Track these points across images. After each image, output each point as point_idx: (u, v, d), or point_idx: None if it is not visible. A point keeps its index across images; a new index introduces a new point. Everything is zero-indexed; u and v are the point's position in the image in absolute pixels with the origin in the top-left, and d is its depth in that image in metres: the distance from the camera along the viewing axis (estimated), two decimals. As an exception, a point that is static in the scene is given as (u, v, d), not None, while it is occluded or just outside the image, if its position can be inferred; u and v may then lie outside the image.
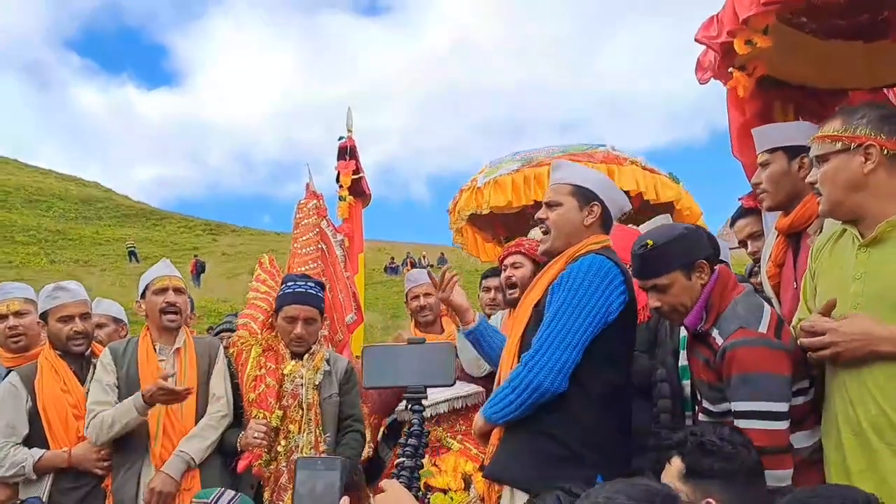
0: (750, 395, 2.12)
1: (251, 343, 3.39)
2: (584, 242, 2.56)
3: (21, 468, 3.13)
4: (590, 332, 2.39)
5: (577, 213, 2.60)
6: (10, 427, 3.19)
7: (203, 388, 3.27)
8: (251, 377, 3.29)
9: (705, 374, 2.33)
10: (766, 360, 2.13)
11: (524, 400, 2.39)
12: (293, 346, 3.35)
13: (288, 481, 3.18)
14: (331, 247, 4.26)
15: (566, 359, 2.36)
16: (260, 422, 3.17)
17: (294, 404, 3.27)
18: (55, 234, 46.49)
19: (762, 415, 2.10)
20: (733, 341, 2.18)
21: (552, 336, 2.38)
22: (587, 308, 2.39)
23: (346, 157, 5.17)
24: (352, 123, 5.23)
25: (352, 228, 5.22)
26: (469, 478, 3.51)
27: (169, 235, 52.60)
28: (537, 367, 2.36)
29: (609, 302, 2.42)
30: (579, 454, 2.37)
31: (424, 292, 4.07)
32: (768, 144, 2.56)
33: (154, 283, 3.33)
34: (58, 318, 3.32)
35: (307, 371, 3.31)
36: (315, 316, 3.37)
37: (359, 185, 5.24)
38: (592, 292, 2.40)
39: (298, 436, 3.24)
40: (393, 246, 43.40)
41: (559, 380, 2.35)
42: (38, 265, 34.96)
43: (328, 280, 4.08)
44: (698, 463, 1.85)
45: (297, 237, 4.22)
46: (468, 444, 3.62)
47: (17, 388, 3.24)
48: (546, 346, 2.38)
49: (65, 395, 3.25)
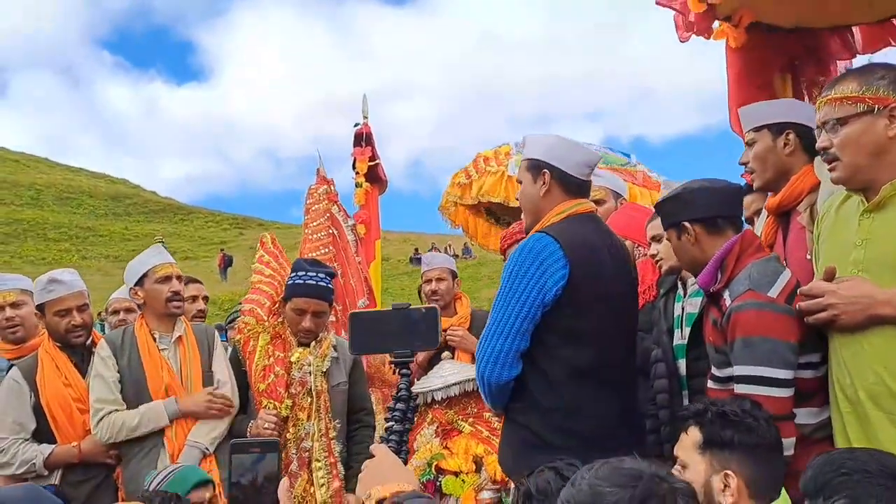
0: (751, 359, 2.06)
1: (258, 330, 3.32)
2: (547, 216, 2.46)
3: (32, 465, 3.08)
4: (524, 317, 2.31)
5: (532, 186, 2.49)
6: (18, 424, 3.13)
7: (207, 375, 3.22)
8: (260, 367, 3.25)
9: (713, 336, 2.27)
10: (771, 324, 2.06)
11: (484, 392, 2.40)
12: (300, 337, 3.30)
13: (298, 468, 3.17)
14: (342, 231, 4.24)
15: (500, 347, 2.32)
16: (270, 412, 3.15)
17: (303, 392, 3.23)
18: (86, 230, 47.29)
19: (762, 380, 2.04)
20: (739, 303, 2.11)
21: (490, 326, 2.37)
22: (517, 293, 2.31)
23: (361, 143, 5.16)
24: (367, 110, 5.21)
25: (368, 215, 5.20)
26: (480, 460, 3.49)
27: (196, 230, 53.20)
28: (480, 361, 2.37)
29: (542, 282, 2.30)
30: (549, 441, 2.29)
31: (437, 277, 4.04)
32: (753, 123, 2.49)
33: (156, 270, 3.23)
34: (55, 311, 3.23)
35: (315, 358, 3.26)
36: (324, 309, 3.31)
37: (375, 171, 5.22)
38: (522, 275, 2.32)
39: (308, 423, 3.21)
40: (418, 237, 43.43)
41: (497, 369, 2.32)
42: (70, 261, 35.52)
43: (340, 265, 4.06)
44: (718, 433, 1.79)
45: (307, 223, 4.19)
46: (479, 426, 3.58)
47: (19, 383, 3.17)
48: (484, 338, 2.37)
49: (67, 389, 3.19)
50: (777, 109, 2.49)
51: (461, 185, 6.02)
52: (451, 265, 4.17)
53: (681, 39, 3.11)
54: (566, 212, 2.46)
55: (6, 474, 3.11)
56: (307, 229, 4.18)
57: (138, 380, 3.12)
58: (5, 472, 3.11)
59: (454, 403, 3.70)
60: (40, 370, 3.19)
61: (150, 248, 3.45)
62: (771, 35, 3.24)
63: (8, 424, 3.13)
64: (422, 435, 3.72)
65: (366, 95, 5.21)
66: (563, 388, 2.33)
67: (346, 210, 4.42)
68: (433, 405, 3.72)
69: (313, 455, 3.19)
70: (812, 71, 3.28)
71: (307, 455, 3.19)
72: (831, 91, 2.01)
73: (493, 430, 3.54)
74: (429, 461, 3.52)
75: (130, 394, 3.11)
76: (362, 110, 5.19)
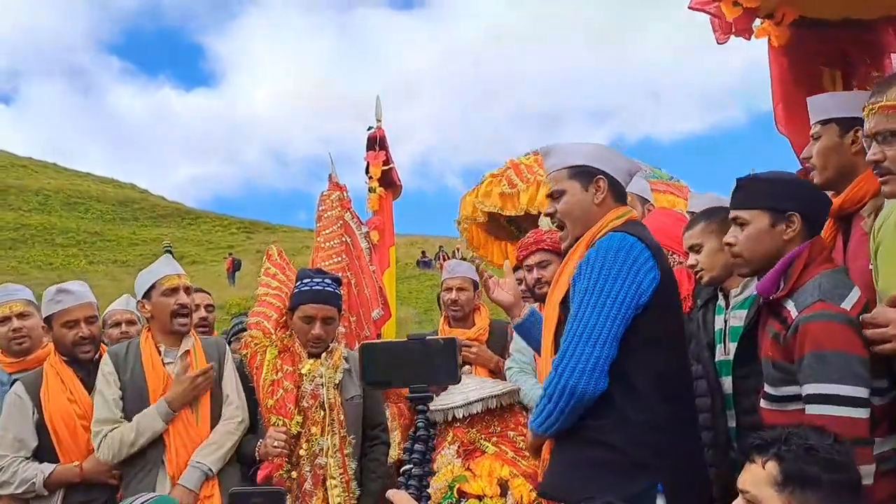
0: (823, 376, 1.89)
1: (266, 344, 3.17)
2: (604, 221, 2.32)
3: (31, 485, 2.97)
4: (620, 321, 2.14)
5: (584, 194, 2.36)
6: (18, 441, 3.03)
7: (216, 391, 3.08)
8: (268, 382, 3.09)
9: (772, 351, 2.09)
10: (846, 338, 1.89)
11: (563, 408, 2.15)
12: (311, 346, 3.14)
13: (313, 486, 3.00)
14: (355, 239, 4.08)
15: (597, 355, 2.11)
16: (279, 429, 2.98)
17: (315, 405, 3.07)
18: (93, 235, 47.44)
19: (838, 399, 1.87)
20: (809, 314, 1.94)
21: (578, 333, 2.15)
22: (612, 294, 2.13)
23: (375, 147, 5.01)
24: (381, 113, 5.07)
25: (382, 221, 5.06)
26: (505, 483, 3.28)
27: (204, 234, 53.28)
28: (567, 371, 2.12)
29: (638, 282, 2.15)
30: (637, 460, 2.11)
31: (458, 286, 3.90)
32: (820, 115, 2.32)
33: (162, 282, 3.11)
34: (62, 322, 3.13)
35: (326, 370, 3.10)
36: (333, 315, 3.17)
37: (389, 175, 5.07)
38: (615, 275, 2.15)
39: (322, 438, 3.04)
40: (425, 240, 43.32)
41: (594, 380, 2.11)
42: (78, 266, 35.59)
43: (353, 274, 3.91)
44: (802, 470, 1.59)
45: (320, 230, 4.04)
46: (504, 446, 3.37)
47: (22, 399, 3.07)
48: (574, 346, 2.15)
49: (72, 406, 3.07)
50: (848, 102, 2.30)
51: (504, 195, 5.75)
52: (473, 275, 4.01)
53: (718, 41, 2.96)
54: (623, 217, 2.34)
55: (5, 493, 2.99)
56: (319, 237, 4.03)
57: (141, 396, 2.99)
58: (4, 491, 2.99)
59: (476, 421, 3.48)
60: (45, 385, 3.08)
61: (160, 259, 3.33)
62: (817, 30, 3.08)
63: (8, 441, 3.02)
64: (442, 455, 3.50)
65: (379, 98, 5.07)
66: (651, 399, 2.15)
67: (359, 217, 4.27)
68: (454, 423, 3.51)
69: (328, 472, 3.02)
70: (864, 66, 3.09)
71: (322, 472, 3.03)
72: (883, 97, 1.85)
73: (518, 451, 3.35)
74: (450, 484, 3.31)
75: (132, 410, 2.98)
76: (375, 114, 5.04)
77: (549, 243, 3.35)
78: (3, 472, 2.97)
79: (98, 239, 46.95)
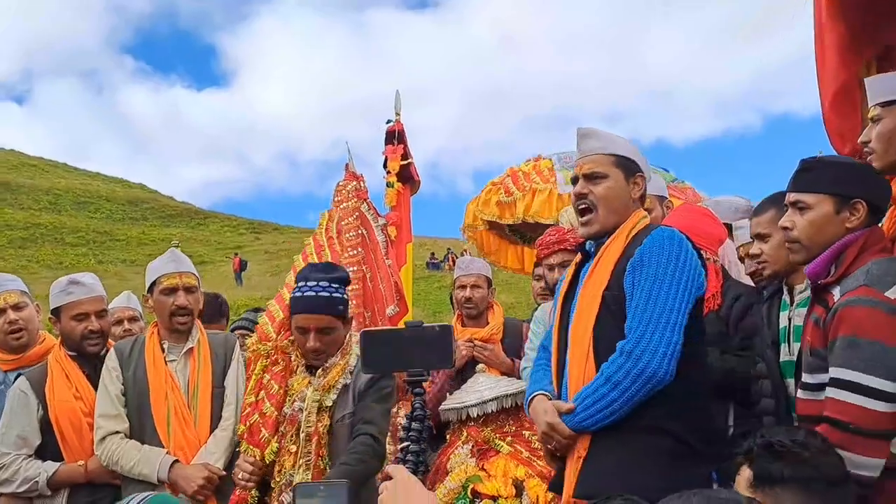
0: (851, 362, 1.80)
1: (261, 353, 2.87)
2: (635, 218, 2.31)
3: (34, 483, 2.87)
4: (686, 310, 2.13)
5: (625, 185, 2.33)
6: (22, 438, 2.92)
7: (218, 392, 2.94)
8: (246, 404, 2.83)
9: (812, 336, 1.99)
10: (882, 326, 1.79)
11: (633, 394, 2.06)
12: (309, 358, 2.79)
13: None
14: (371, 232, 3.96)
15: (675, 340, 2.08)
16: (248, 459, 2.70)
17: (291, 431, 2.72)
18: (103, 235, 47.62)
19: (860, 388, 1.78)
20: (850, 298, 1.85)
21: (655, 317, 2.09)
22: (683, 282, 2.13)
23: (393, 141, 4.89)
24: (400, 107, 4.96)
25: (400, 217, 4.92)
26: (521, 484, 3.19)
27: (212, 234, 53.39)
28: (647, 354, 2.05)
29: (698, 274, 2.19)
30: (695, 449, 2.08)
31: (472, 283, 3.80)
32: (882, 96, 2.15)
33: (162, 280, 2.98)
34: (72, 315, 3.02)
35: (312, 392, 2.72)
36: (330, 324, 2.72)
37: (407, 170, 4.93)
38: (683, 265, 2.16)
39: (291, 472, 2.67)
40: (434, 241, 43.22)
41: (672, 364, 2.07)
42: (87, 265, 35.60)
43: (369, 268, 3.80)
44: (767, 468, 1.58)
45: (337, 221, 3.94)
46: (519, 446, 3.29)
47: (27, 395, 2.96)
48: (651, 329, 2.08)
49: (77, 403, 2.97)
50: None
51: (501, 204, 5.64)
52: (487, 272, 3.92)
53: None
54: (646, 220, 2.36)
55: (6, 492, 2.90)
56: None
57: (142, 393, 2.88)
58: (5, 489, 2.89)
59: (491, 421, 3.41)
60: (50, 381, 2.98)
61: (165, 253, 3.17)
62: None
63: (11, 439, 2.93)
64: (456, 454, 3.43)
65: (399, 92, 4.95)
66: (701, 388, 2.17)
67: (376, 209, 4.16)
68: (468, 422, 3.44)
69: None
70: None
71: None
72: None
73: (533, 451, 3.27)
74: (464, 484, 3.23)
75: (133, 408, 2.89)
76: (395, 107, 4.93)
77: (572, 243, 3.26)
78: (4, 470, 2.88)
79: (107, 238, 47.11)
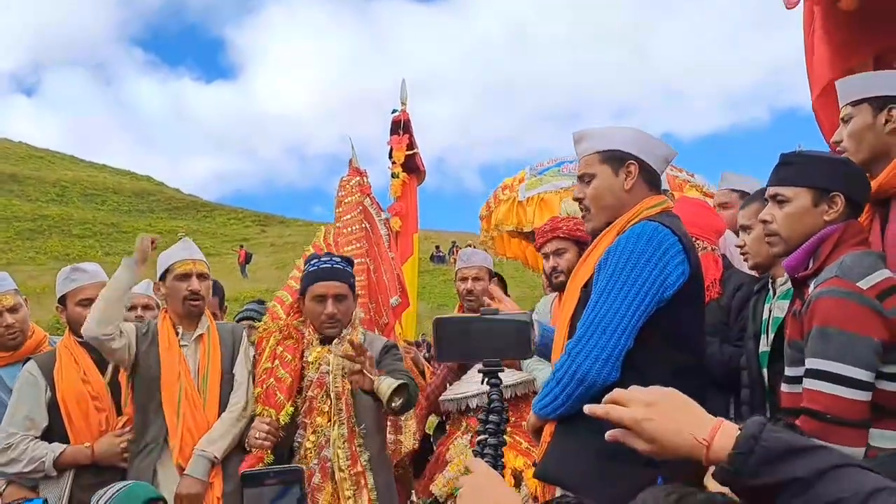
0: (823, 352, 1.83)
1: (272, 330, 3.08)
2: (638, 208, 2.24)
3: (41, 464, 2.93)
4: (641, 313, 2.06)
5: (614, 179, 2.26)
6: (29, 419, 2.99)
7: (227, 377, 3.05)
8: (261, 370, 3.01)
9: (791, 328, 2.04)
10: (852, 315, 1.82)
11: (570, 393, 2.09)
12: (325, 327, 2.99)
13: (321, 480, 2.87)
14: (374, 226, 4.00)
15: (613, 345, 2.04)
16: (264, 420, 2.88)
17: (321, 394, 2.93)
18: (110, 227, 47.73)
19: (833, 377, 1.81)
20: (822, 289, 1.88)
21: (597, 320, 2.07)
22: (637, 284, 2.05)
23: (399, 131, 4.84)
24: (406, 96, 4.90)
25: (405, 207, 4.92)
26: (520, 474, 3.24)
27: (219, 227, 53.47)
28: (581, 356, 2.06)
29: (665, 275, 2.07)
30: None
31: (474, 276, 3.81)
32: (852, 96, 2.22)
33: (176, 266, 3.09)
34: (77, 301, 3.13)
35: (335, 357, 2.94)
36: (345, 292, 3.00)
37: (413, 161, 4.89)
38: (643, 266, 2.07)
39: (328, 428, 2.90)
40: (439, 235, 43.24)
41: (606, 369, 2.04)
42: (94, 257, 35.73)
43: (372, 261, 3.84)
44: None
45: (340, 216, 3.97)
46: (518, 437, 3.33)
47: (35, 377, 3.04)
48: (590, 332, 2.07)
49: (85, 386, 3.05)
50: (881, 82, 2.21)
51: (484, 219, 5.94)
52: (489, 264, 3.93)
53: (787, 6, 2.82)
54: (659, 206, 2.24)
55: (13, 471, 2.96)
56: (339, 223, 3.95)
57: (152, 376, 2.96)
58: (12, 469, 2.95)
59: (490, 411, 3.45)
60: (58, 364, 3.06)
61: (178, 242, 3.26)
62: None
63: (19, 419, 2.99)
64: (455, 445, 3.48)
65: (405, 81, 4.90)
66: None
67: (379, 203, 4.19)
68: (468, 413, 3.49)
69: (336, 464, 2.87)
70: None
71: (329, 465, 2.88)
72: None
73: (532, 442, 3.30)
74: (463, 473, 3.27)
75: (143, 387, 2.97)
76: (400, 96, 4.88)
77: (566, 231, 3.30)
78: (12, 450, 2.93)
79: (114, 230, 47.23)
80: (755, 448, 1.06)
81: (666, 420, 1.18)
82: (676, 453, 1.17)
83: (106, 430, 3.03)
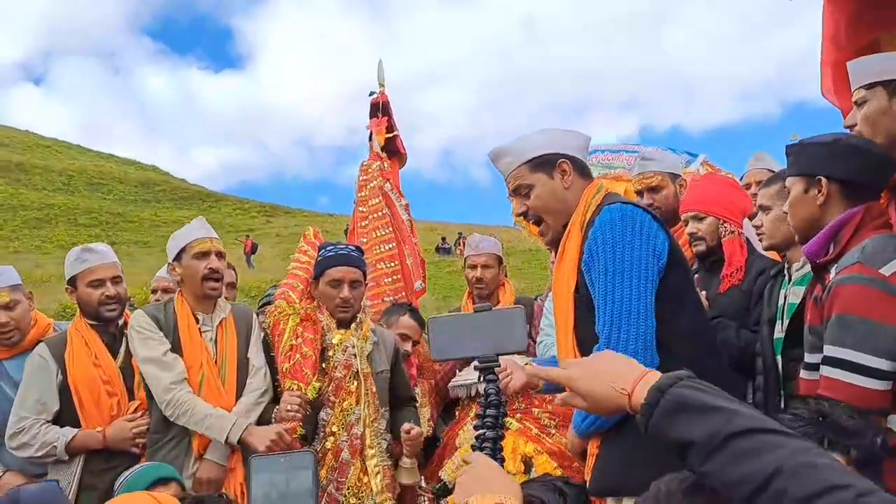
0: (842, 340, 1.81)
1: (289, 312, 3.13)
2: (584, 202, 2.20)
3: (52, 448, 2.90)
4: (651, 290, 2.02)
5: (552, 182, 2.24)
6: (41, 403, 2.96)
7: (243, 361, 3.01)
8: (287, 347, 3.05)
9: (811, 314, 2.02)
10: (875, 304, 1.79)
11: None
12: (339, 311, 3.10)
13: (350, 456, 2.98)
14: (395, 211, 3.94)
15: (644, 330, 1.97)
16: (294, 393, 2.92)
17: (348, 375, 3.05)
18: (115, 216, 47.88)
19: (851, 366, 1.78)
20: (843, 276, 1.85)
21: (616, 313, 2.00)
22: (634, 265, 2.01)
23: (378, 113, 4.67)
24: (383, 77, 4.75)
25: None
26: (529, 460, 3.24)
27: (225, 217, 53.55)
28: (623, 351, 1.91)
29: (653, 245, 2.05)
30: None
31: (483, 263, 3.79)
32: (865, 79, 2.15)
33: (194, 245, 2.99)
34: (88, 282, 3.05)
35: (358, 340, 3.09)
36: (360, 278, 3.15)
37: (393, 144, 4.72)
38: (630, 246, 2.03)
39: (357, 408, 3.02)
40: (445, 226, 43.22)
41: (648, 357, 1.96)
42: (100, 246, 35.85)
43: (398, 245, 3.80)
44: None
45: (365, 199, 3.90)
46: (528, 423, 3.32)
47: (46, 360, 2.99)
48: (615, 328, 1.99)
49: (97, 370, 3.00)
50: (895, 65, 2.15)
51: None
52: (498, 251, 3.90)
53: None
54: (601, 191, 2.24)
55: (25, 455, 2.94)
56: (364, 207, 3.85)
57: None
58: (24, 452, 2.93)
59: (500, 398, 3.44)
60: (69, 348, 3.01)
61: (193, 221, 3.17)
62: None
63: (30, 403, 2.96)
64: (464, 431, 3.48)
65: (381, 62, 4.71)
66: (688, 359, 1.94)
67: (399, 188, 4.08)
68: (476, 399, 3.48)
69: (365, 442, 3.01)
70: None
71: (359, 442, 3.01)
72: None
73: (542, 428, 3.30)
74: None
75: None
76: (378, 77, 4.72)
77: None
78: (24, 434, 2.91)
79: (120, 220, 47.39)
80: (660, 400, 1.04)
81: (595, 376, 1.25)
82: (609, 407, 1.22)
83: (117, 415, 3.00)
